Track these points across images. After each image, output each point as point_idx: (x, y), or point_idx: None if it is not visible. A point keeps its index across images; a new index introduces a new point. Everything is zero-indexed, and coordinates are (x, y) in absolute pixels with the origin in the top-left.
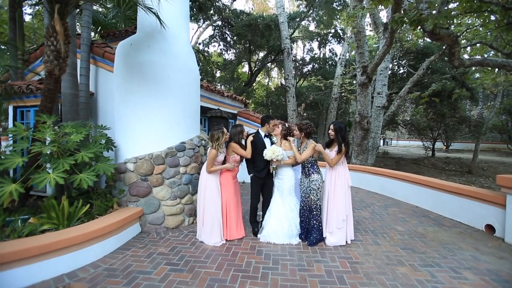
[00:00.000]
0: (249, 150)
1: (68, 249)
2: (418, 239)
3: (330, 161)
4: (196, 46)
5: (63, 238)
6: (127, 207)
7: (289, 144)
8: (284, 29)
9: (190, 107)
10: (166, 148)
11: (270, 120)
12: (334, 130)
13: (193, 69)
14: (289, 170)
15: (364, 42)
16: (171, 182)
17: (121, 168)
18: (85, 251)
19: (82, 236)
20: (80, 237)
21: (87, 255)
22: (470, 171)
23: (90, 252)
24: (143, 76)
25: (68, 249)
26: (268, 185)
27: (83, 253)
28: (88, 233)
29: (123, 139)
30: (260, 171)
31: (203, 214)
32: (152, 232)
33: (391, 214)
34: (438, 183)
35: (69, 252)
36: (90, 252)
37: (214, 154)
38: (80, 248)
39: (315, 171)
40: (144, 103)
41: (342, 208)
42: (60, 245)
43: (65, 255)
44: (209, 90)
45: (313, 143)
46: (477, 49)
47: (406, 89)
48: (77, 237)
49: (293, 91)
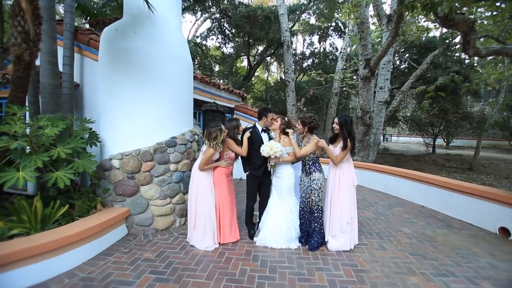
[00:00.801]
0: (245, 147)
1: (39, 257)
2: (428, 243)
3: (334, 158)
4: (194, 39)
5: (32, 245)
6: (112, 207)
7: (289, 139)
8: (284, 21)
9: (182, 99)
10: (155, 143)
11: (267, 113)
12: (339, 124)
13: (185, 58)
14: (288, 168)
15: (367, 33)
16: (161, 180)
17: (105, 165)
18: (60, 258)
19: (56, 242)
20: (54, 243)
21: (62, 262)
22: (471, 168)
23: (66, 259)
24: (129, 64)
25: (39, 257)
26: (266, 184)
27: (58, 261)
28: (64, 238)
29: (108, 134)
30: (257, 169)
31: (195, 215)
32: (139, 235)
33: (396, 215)
34: (445, 181)
35: (40, 261)
36: (67, 259)
37: (211, 153)
38: (54, 255)
39: (316, 169)
40: (131, 94)
41: (347, 210)
42: (29, 253)
43: (35, 264)
44: (204, 82)
45: (316, 139)
46: (480, 43)
47: (408, 84)
48: (50, 243)
49: (293, 85)
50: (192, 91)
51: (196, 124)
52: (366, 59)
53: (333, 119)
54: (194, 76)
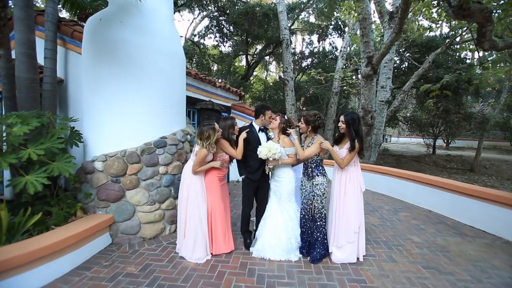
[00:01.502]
0: (240, 149)
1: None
2: (441, 253)
3: (340, 161)
4: (192, 37)
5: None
6: (94, 214)
7: (289, 139)
8: (283, 19)
9: (173, 96)
10: (143, 144)
11: (265, 110)
12: (345, 122)
13: (177, 52)
14: (288, 171)
15: (369, 30)
16: (149, 184)
17: (87, 167)
18: (27, 275)
19: (22, 257)
20: (20, 258)
21: (29, 280)
22: (472, 169)
23: (34, 276)
24: (114, 57)
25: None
26: (263, 189)
27: (24, 279)
28: (33, 252)
29: (91, 134)
30: (253, 172)
31: (185, 223)
32: (124, 244)
33: (403, 220)
34: (455, 185)
35: (2, 279)
36: (35, 276)
37: (204, 154)
38: (20, 272)
39: (320, 172)
40: (116, 90)
41: (354, 218)
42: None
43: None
44: (199, 79)
45: (320, 139)
46: None
47: (410, 83)
48: (15, 259)
49: (292, 84)
50: (184, 88)
51: (190, 123)
52: (368, 57)
53: (339, 117)
54: (188, 73)
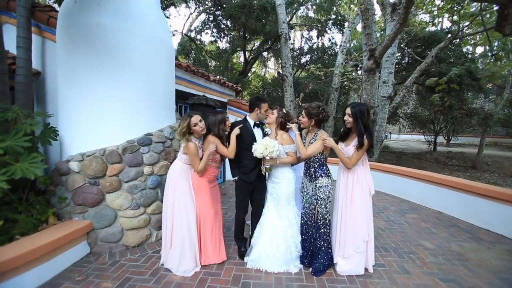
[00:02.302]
0: (232, 148)
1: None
2: (458, 262)
3: (346, 160)
4: (188, 33)
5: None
6: (70, 220)
7: (288, 135)
8: (282, 12)
9: (160, 88)
10: (125, 141)
11: (261, 103)
12: (352, 115)
13: (164, 40)
14: (287, 171)
15: (372, 21)
16: (132, 186)
17: (62, 168)
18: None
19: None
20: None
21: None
22: (474, 166)
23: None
24: (91, 44)
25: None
26: (259, 191)
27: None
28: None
29: (67, 130)
30: (248, 173)
31: (171, 231)
32: (104, 254)
33: (411, 223)
34: (468, 184)
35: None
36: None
37: (194, 148)
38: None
39: (323, 173)
40: (94, 82)
41: (363, 225)
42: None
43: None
44: (191, 72)
45: (323, 135)
46: (485, 37)
47: (412, 78)
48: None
49: (291, 80)
50: (173, 80)
51: (180, 119)
52: (371, 49)
53: (345, 109)
54: (178, 64)
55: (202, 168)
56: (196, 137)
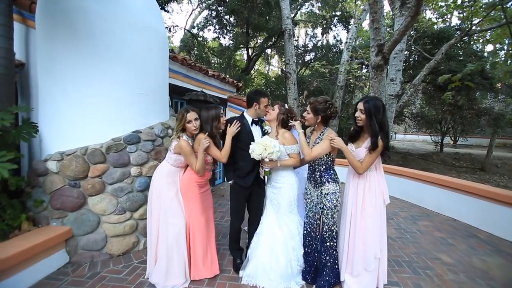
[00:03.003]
0: (226, 151)
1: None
2: (483, 282)
3: (357, 164)
4: (191, 29)
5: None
6: (47, 226)
7: (291, 134)
8: (286, 7)
9: (151, 81)
10: (110, 139)
11: (260, 97)
12: (365, 111)
13: (155, 28)
14: (289, 175)
15: (380, 14)
16: (117, 188)
17: (39, 168)
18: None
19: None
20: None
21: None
22: (483, 168)
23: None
24: (72, 31)
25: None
26: (257, 196)
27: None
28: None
29: (47, 126)
30: (244, 176)
31: (156, 243)
32: (84, 263)
33: (424, 232)
34: (488, 190)
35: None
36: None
37: (187, 145)
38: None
39: (330, 178)
40: (76, 72)
41: (375, 239)
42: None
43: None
44: (187, 65)
45: (331, 134)
46: (497, 34)
47: (421, 76)
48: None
49: (295, 77)
50: (166, 73)
51: (174, 115)
52: (379, 45)
53: (356, 104)
54: (174, 57)
55: (200, 167)
56: (188, 136)
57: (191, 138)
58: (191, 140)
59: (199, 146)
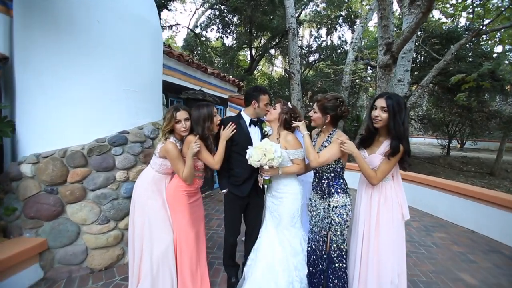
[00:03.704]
0: (219, 156)
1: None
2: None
3: (371, 174)
4: (194, 29)
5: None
6: (19, 237)
7: (294, 137)
8: (290, 6)
9: (141, 77)
10: (93, 140)
11: (260, 94)
12: (389, 109)
13: (147, 20)
14: (292, 183)
15: (389, 12)
16: (99, 195)
17: (12, 172)
18: None
19: None
20: None
21: None
22: (492, 172)
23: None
24: (51, 17)
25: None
26: (255, 207)
27: None
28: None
29: (24, 125)
30: (240, 184)
31: (140, 260)
32: (60, 280)
33: (441, 246)
34: (510, 200)
35: None
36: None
37: (173, 148)
38: None
39: (340, 188)
40: (55, 65)
41: (391, 262)
42: None
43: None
44: (185, 62)
45: (341, 137)
46: (509, 34)
47: (429, 77)
48: None
49: (298, 78)
50: (160, 68)
51: None
52: (388, 43)
53: (373, 102)
54: (169, 52)
55: (188, 174)
56: (176, 138)
57: (180, 141)
58: (179, 143)
59: (188, 150)
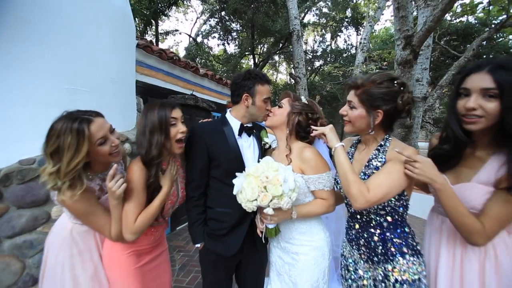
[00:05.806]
0: (145, 220)
1: None
2: None
3: (474, 227)
4: (195, 37)
5: None
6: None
7: (316, 152)
8: (293, 7)
9: (95, 72)
10: (16, 161)
11: (255, 84)
12: (503, 91)
13: (110, 3)
14: (315, 229)
15: (407, 0)
16: (21, 245)
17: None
18: None
19: None
20: None
21: None
22: None
23: None
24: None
25: None
26: (253, 264)
27: None
28: None
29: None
30: (224, 234)
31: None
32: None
33: None
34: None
35: None
36: None
37: (72, 203)
38: None
39: (405, 243)
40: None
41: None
42: None
43: None
44: (170, 60)
45: (407, 150)
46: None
47: (449, 76)
48: None
49: (305, 82)
50: (131, 64)
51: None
52: (407, 36)
53: (460, 79)
54: (146, 47)
55: (117, 231)
56: (95, 172)
57: (99, 173)
58: (97, 181)
59: (109, 192)
